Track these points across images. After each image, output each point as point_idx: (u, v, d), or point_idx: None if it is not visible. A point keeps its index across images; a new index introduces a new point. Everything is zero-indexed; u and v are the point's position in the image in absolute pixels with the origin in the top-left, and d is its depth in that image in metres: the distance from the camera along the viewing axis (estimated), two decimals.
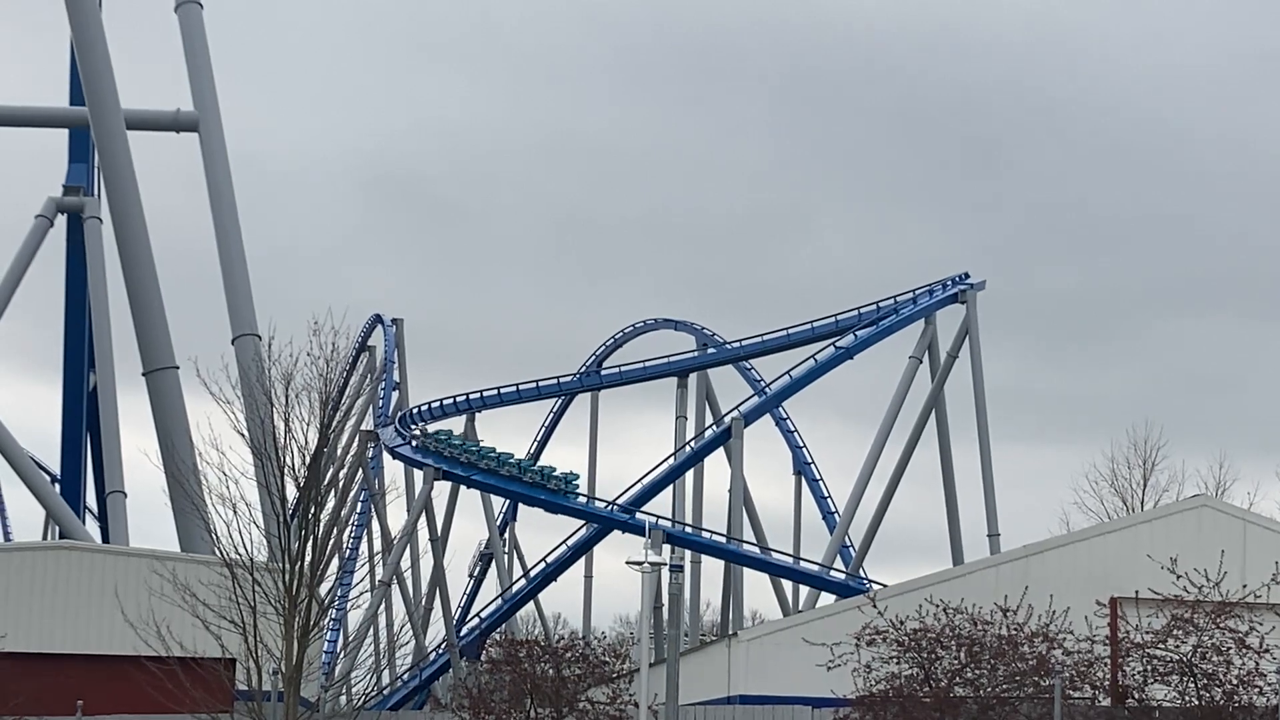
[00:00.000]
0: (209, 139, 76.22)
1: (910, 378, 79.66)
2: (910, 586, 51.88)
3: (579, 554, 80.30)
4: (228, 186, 75.21)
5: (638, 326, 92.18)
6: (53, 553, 58.28)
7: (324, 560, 45.59)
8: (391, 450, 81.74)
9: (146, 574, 49.51)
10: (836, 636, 46.47)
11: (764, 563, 78.92)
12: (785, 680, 49.90)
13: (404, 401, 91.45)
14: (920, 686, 44.63)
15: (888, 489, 79.44)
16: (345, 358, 49.11)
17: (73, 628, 54.01)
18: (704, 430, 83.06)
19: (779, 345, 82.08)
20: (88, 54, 69.97)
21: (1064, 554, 52.51)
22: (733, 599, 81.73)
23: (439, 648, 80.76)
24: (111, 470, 79.04)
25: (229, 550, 44.25)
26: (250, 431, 45.62)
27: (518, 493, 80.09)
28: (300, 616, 43.96)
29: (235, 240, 73.99)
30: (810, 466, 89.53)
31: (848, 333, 78.35)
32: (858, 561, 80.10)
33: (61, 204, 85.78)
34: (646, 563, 35.57)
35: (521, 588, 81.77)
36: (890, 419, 79.22)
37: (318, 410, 44.68)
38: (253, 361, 50.82)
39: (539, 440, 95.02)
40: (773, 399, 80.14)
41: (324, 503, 45.75)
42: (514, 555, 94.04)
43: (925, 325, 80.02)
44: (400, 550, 79.84)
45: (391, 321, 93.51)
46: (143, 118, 76.34)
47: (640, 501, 76.17)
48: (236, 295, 72.51)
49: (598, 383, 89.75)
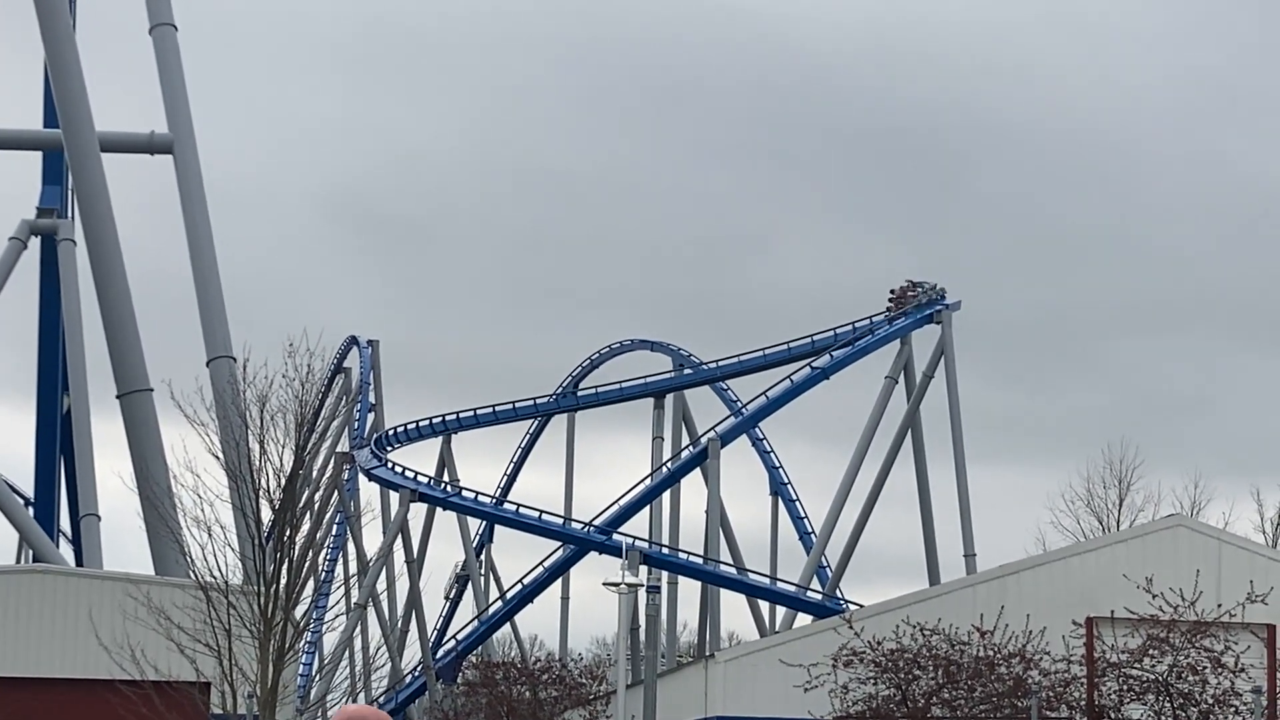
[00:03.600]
0: (184, 161, 76.01)
1: (886, 398, 79.73)
2: (887, 607, 51.82)
3: (555, 576, 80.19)
4: (202, 209, 75.00)
5: (614, 348, 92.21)
6: (26, 576, 57.97)
7: (299, 583, 45.46)
8: (367, 472, 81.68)
9: (121, 597, 49.28)
10: (814, 657, 46.46)
11: (741, 583, 78.93)
12: (763, 701, 49.81)
13: (380, 423, 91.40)
14: (897, 707, 44.63)
15: (864, 509, 79.48)
16: (320, 379, 49.10)
17: (46, 651, 53.70)
18: (681, 451, 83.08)
19: (755, 366, 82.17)
20: (61, 76, 69.76)
21: (1040, 574, 52.48)
22: (710, 620, 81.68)
23: (415, 670, 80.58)
24: (85, 493, 78.81)
25: (204, 573, 44.14)
26: (225, 454, 45.50)
27: (494, 515, 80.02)
28: (275, 639, 43.84)
29: (210, 262, 73.77)
30: (787, 487, 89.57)
31: (824, 353, 78.45)
32: (834, 582, 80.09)
33: (35, 226, 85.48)
34: (623, 584, 35.51)
35: (498, 610, 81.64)
36: (866, 439, 79.26)
37: (293, 432, 44.61)
38: (228, 384, 50.80)
39: (515, 462, 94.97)
40: (749, 419, 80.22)
41: (299, 525, 45.66)
42: (490, 577, 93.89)
43: (901, 346, 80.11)
44: (376, 572, 79.74)
45: (367, 343, 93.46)
46: (117, 140, 76.09)
47: (617, 522, 76.15)
48: (211, 317, 72.27)
49: (574, 404, 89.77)
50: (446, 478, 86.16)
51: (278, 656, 44.00)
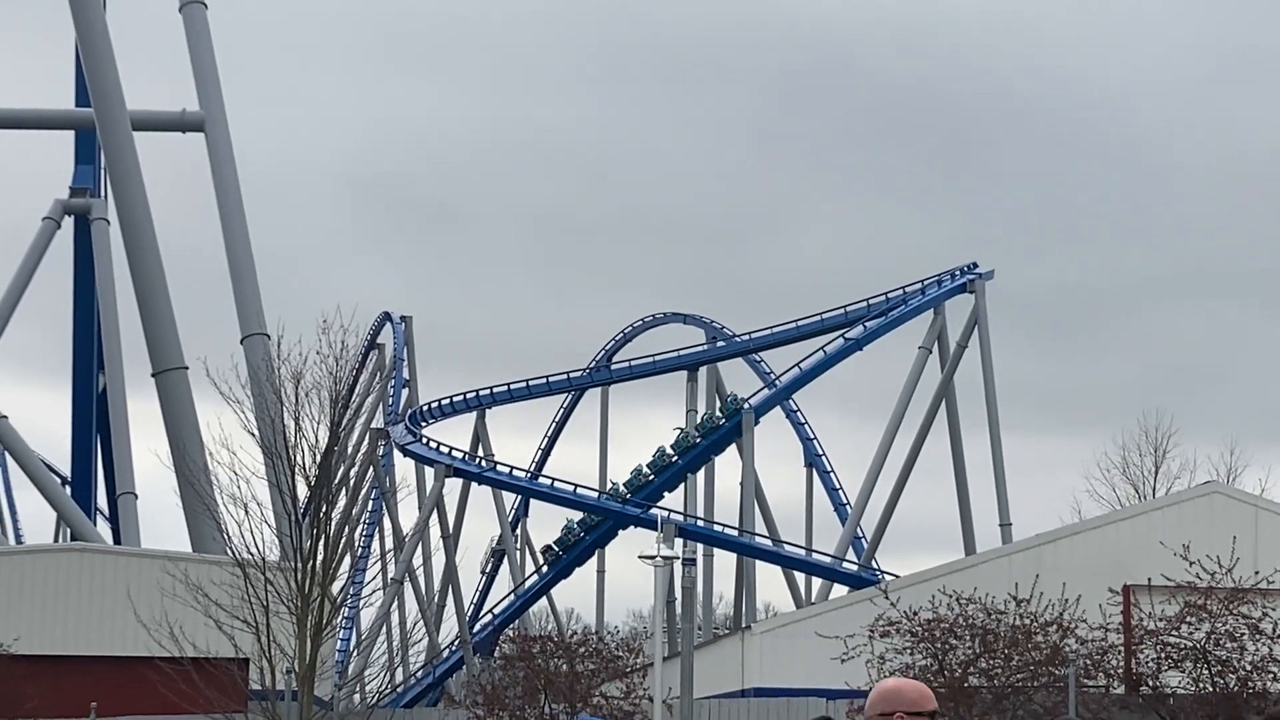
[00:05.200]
0: (215, 139, 76.16)
1: (920, 368, 79.60)
2: (923, 577, 51.84)
3: (591, 549, 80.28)
4: (234, 186, 75.16)
5: (646, 321, 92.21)
6: (65, 555, 58.28)
7: (336, 558, 45.59)
8: (402, 448, 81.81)
9: (159, 575, 49.44)
10: (850, 628, 46.43)
11: (776, 555, 78.92)
12: (799, 673, 49.87)
13: (414, 399, 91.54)
14: (934, 677, 44.58)
15: (899, 480, 79.40)
16: (354, 356, 49.15)
17: (85, 630, 54.00)
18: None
19: (788, 337, 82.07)
20: (93, 55, 69.92)
21: (1076, 542, 52.45)
22: (745, 592, 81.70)
23: (452, 645, 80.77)
24: (122, 472, 79.12)
25: (241, 550, 44.25)
26: (261, 431, 45.60)
27: (529, 489, 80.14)
28: (313, 615, 43.95)
29: (243, 239, 73.94)
30: (821, 458, 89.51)
31: (857, 324, 78.30)
32: (870, 553, 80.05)
33: (68, 206, 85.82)
34: (659, 557, 35.52)
35: (534, 583, 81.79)
36: (900, 410, 79.15)
37: (328, 408, 44.68)
38: (262, 361, 50.86)
39: (549, 436, 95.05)
40: (783, 391, 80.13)
41: (335, 501, 45.76)
42: (526, 551, 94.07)
43: (934, 316, 79.93)
44: (412, 547, 79.88)
45: (400, 319, 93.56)
46: (148, 118, 76.26)
47: (652, 496, 76.18)
48: (245, 295, 72.43)
49: (608, 378, 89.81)
50: (481, 452, 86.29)
51: (315, 632, 44.12)
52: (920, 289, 79.92)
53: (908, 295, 79.61)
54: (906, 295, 79.63)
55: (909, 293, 79.76)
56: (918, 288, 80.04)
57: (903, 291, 79.88)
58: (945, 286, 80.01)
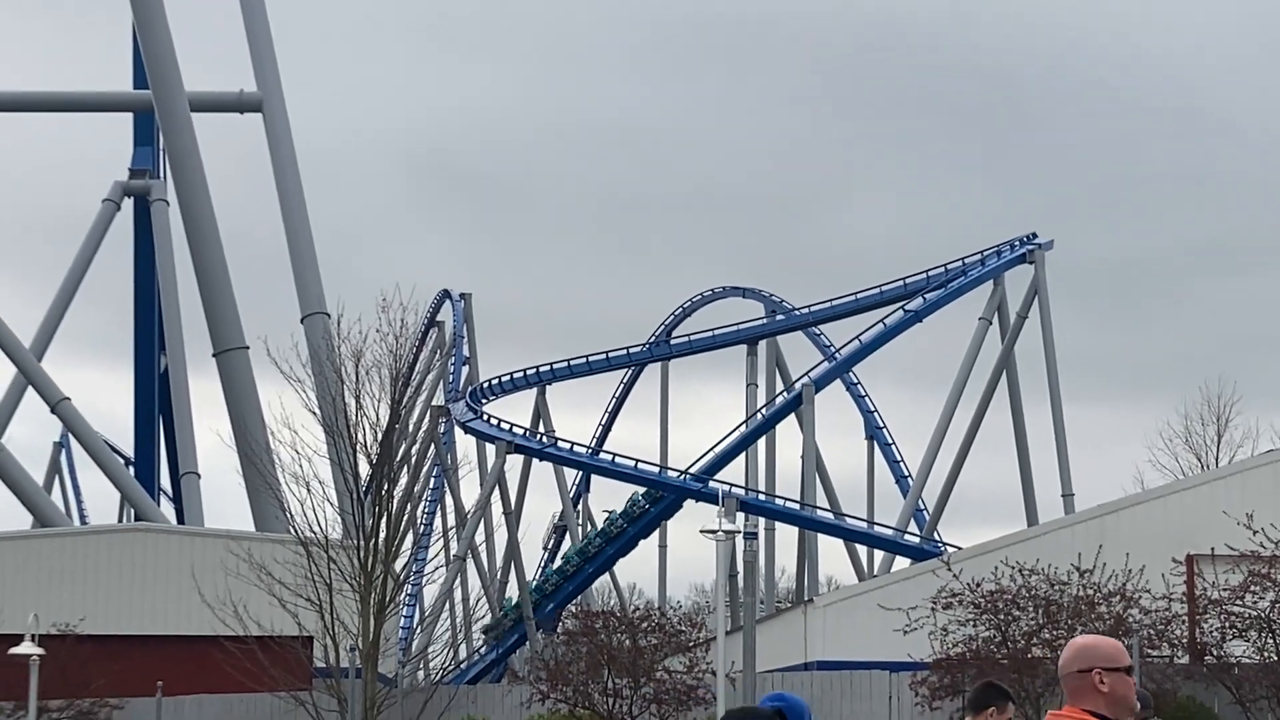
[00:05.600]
0: (272, 119, 76.32)
1: (980, 340, 79.31)
2: (985, 549, 51.67)
3: (653, 524, 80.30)
4: (292, 165, 75.33)
5: (705, 295, 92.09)
6: (129, 535, 58.62)
7: (398, 536, 45.73)
8: (463, 425, 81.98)
9: (223, 554, 49.69)
10: (912, 600, 46.36)
11: (838, 528, 78.81)
12: (862, 645, 49.79)
13: (474, 376, 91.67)
14: (997, 648, 44.49)
15: (960, 451, 79.17)
16: (414, 334, 49.27)
17: (150, 609, 54.30)
18: (775, 397, 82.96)
19: (848, 310, 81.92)
20: (150, 38, 70.19)
21: (1139, 512, 52.18)
22: (808, 565, 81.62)
23: (515, 621, 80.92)
24: (185, 452, 79.49)
25: (304, 528, 44.43)
26: (322, 409, 45.77)
27: (590, 464, 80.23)
28: (376, 593, 44.12)
29: (301, 219, 74.10)
30: (882, 431, 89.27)
31: (916, 296, 78.05)
32: (932, 525, 79.86)
33: (128, 188, 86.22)
34: (720, 531, 35.48)
35: (596, 558, 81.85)
36: (961, 381, 78.89)
37: (388, 386, 44.81)
38: (322, 339, 51.06)
39: (609, 411, 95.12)
40: (843, 364, 79.97)
41: (397, 479, 45.91)
42: (588, 527, 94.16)
43: (994, 287, 79.61)
44: (474, 524, 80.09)
45: (460, 296, 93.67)
46: (206, 99, 76.49)
47: (713, 470, 76.17)
48: (304, 274, 72.61)
49: (667, 352, 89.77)
50: (542, 429, 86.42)
51: (378, 609, 44.28)
52: (980, 260, 79.62)
53: (967, 266, 79.33)
54: (966, 266, 79.34)
55: (968, 264, 79.48)
56: (977, 259, 79.73)
57: (962, 263, 79.60)
58: (1005, 257, 79.65)
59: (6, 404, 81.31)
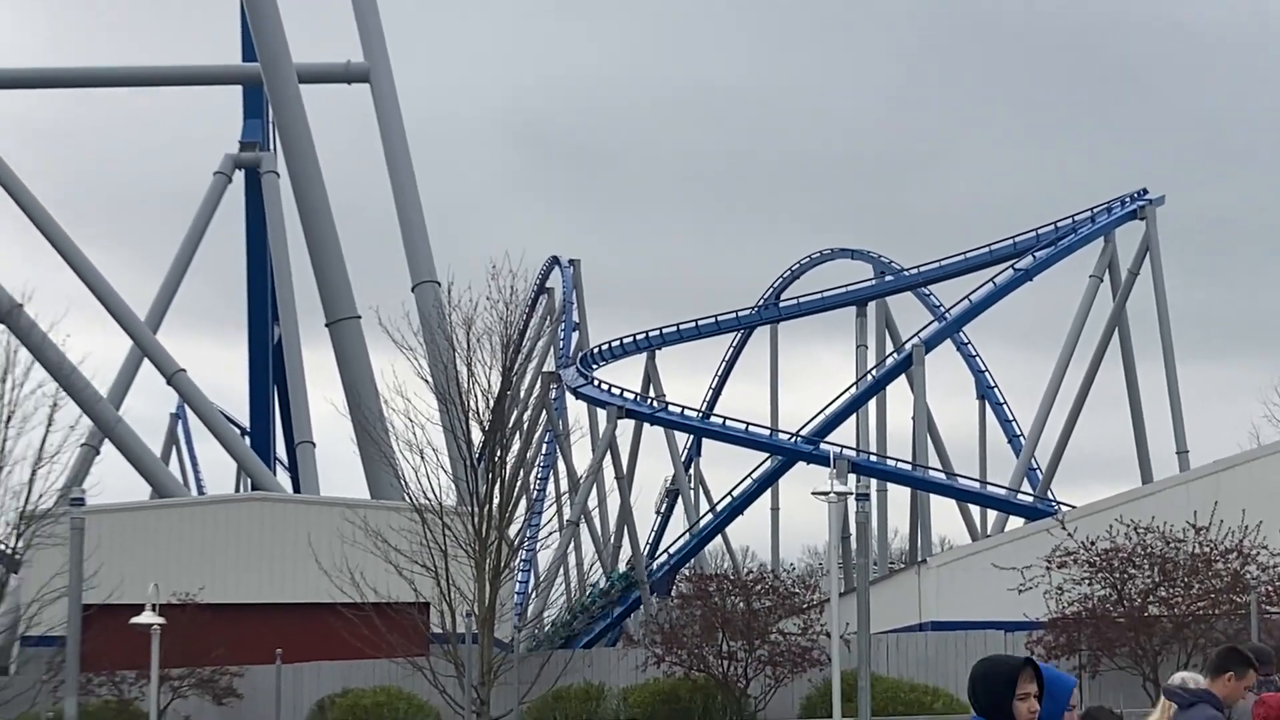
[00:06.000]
0: (380, 89, 76.64)
1: (1091, 297, 78.71)
2: (1099, 507, 51.38)
3: (764, 487, 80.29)
4: (400, 135, 75.62)
5: (814, 257, 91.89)
6: (247, 504, 59.23)
7: (512, 502, 45.93)
8: (574, 391, 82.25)
9: (339, 522, 50.09)
10: (1026, 560, 46.23)
11: (950, 488, 78.54)
12: (976, 605, 49.68)
13: (584, 342, 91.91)
14: (1113, 607, 44.30)
15: (1073, 410, 78.65)
16: (524, 301, 49.41)
17: (269, 577, 54.84)
18: (885, 358, 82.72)
19: (957, 270, 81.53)
20: (257, 10, 70.62)
21: (1255, 468, 51.70)
22: (920, 526, 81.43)
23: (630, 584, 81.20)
24: (299, 421, 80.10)
25: (418, 495, 44.67)
26: (434, 377, 46.00)
27: (701, 428, 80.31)
28: (491, 558, 44.37)
29: (410, 188, 74.41)
30: (993, 390, 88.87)
31: (1026, 254, 77.52)
32: (1045, 484, 79.44)
33: (239, 160, 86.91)
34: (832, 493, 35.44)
35: (709, 522, 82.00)
36: (1072, 339, 78.36)
37: (499, 354, 44.96)
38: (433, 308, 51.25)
39: (719, 375, 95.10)
40: (953, 324, 79.59)
41: (509, 445, 46.09)
42: (700, 490, 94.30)
43: (1105, 243, 78.94)
44: (587, 489, 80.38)
45: (569, 263, 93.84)
46: (314, 71, 76.84)
47: (823, 432, 76.05)
48: (414, 243, 72.92)
49: (776, 315, 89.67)
50: (652, 393, 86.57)
51: (494, 575, 44.53)
52: (1090, 217, 78.98)
53: (1077, 224, 78.71)
54: (1076, 224, 78.72)
55: (1079, 221, 78.85)
56: (1087, 216, 79.10)
57: (1072, 220, 78.98)
58: (1115, 214, 78.97)
59: (123, 377, 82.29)
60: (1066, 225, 78.69)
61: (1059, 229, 78.53)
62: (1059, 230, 78.45)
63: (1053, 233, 78.42)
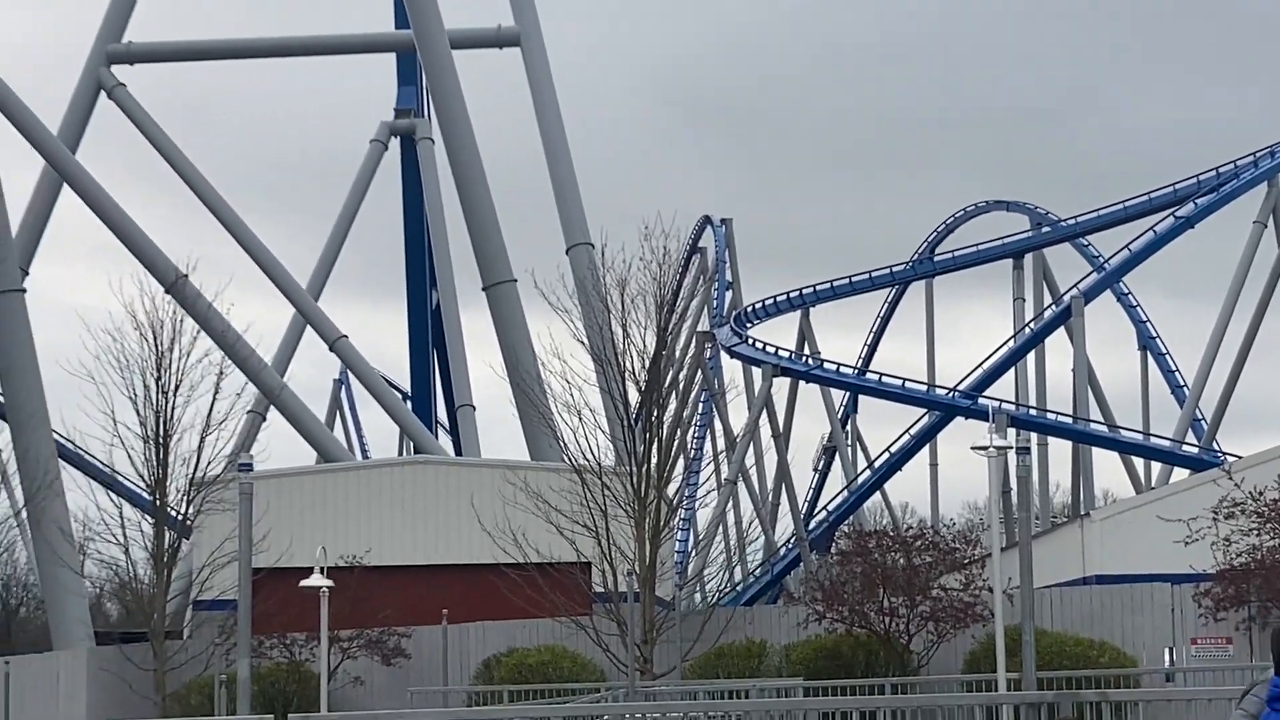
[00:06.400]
0: (531, 52, 76.91)
1: (1255, 244, 77.63)
2: (1267, 456, 50.65)
3: (922, 443, 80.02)
4: (552, 99, 75.87)
5: (969, 210, 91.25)
6: (410, 468, 59.74)
7: (669, 461, 46.09)
8: (729, 350, 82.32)
9: (500, 484, 50.42)
10: (1192, 511, 45.69)
11: (1113, 441, 77.83)
12: (1141, 558, 49.21)
13: (738, 301, 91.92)
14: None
15: (1238, 359, 77.68)
16: (677, 260, 49.45)
17: (433, 539, 55.33)
18: (1043, 311, 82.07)
19: (1116, 219, 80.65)
20: None
21: None
22: (1082, 479, 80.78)
23: (788, 542, 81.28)
24: (459, 384, 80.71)
25: (577, 456, 44.93)
26: (590, 339, 46.20)
27: (857, 385, 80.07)
28: (650, 518, 44.56)
29: (563, 151, 74.64)
30: (1155, 341, 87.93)
31: (1187, 201, 76.52)
32: (1210, 434, 78.52)
33: (394, 127, 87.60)
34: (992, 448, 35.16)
35: (867, 479, 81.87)
36: (1236, 287, 77.35)
37: (654, 314, 45.05)
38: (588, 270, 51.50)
39: (874, 331, 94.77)
40: (1112, 274, 78.72)
41: (666, 405, 46.23)
42: (857, 447, 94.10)
43: (1268, 189, 77.75)
44: (744, 448, 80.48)
45: (721, 222, 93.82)
46: (466, 36, 77.22)
47: (981, 386, 75.61)
48: (568, 206, 73.17)
49: (931, 269, 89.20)
50: (807, 350, 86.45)
51: (654, 534, 44.72)
52: (1253, 161, 77.77)
53: (1239, 169, 77.52)
54: (1238, 169, 77.54)
55: (1241, 166, 77.66)
56: (1250, 160, 77.88)
57: (1234, 165, 77.81)
58: (1279, 158, 77.71)
59: (287, 344, 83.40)
60: (1229, 171, 77.56)
61: (1221, 175, 77.43)
62: (1221, 176, 77.35)
63: (1214, 179, 77.32)
